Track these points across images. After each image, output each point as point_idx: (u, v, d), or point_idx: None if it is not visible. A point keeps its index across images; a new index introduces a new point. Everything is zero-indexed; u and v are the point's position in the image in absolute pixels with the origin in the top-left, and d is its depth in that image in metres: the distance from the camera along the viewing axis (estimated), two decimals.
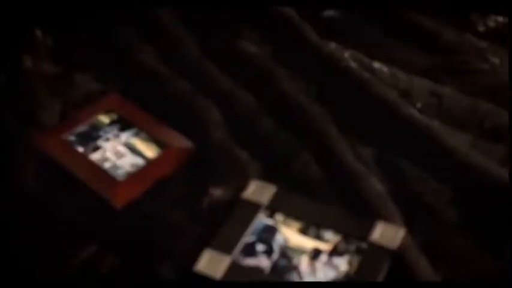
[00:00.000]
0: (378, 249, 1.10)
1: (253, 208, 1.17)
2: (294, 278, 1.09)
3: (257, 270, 1.10)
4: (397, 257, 1.10)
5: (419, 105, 1.33)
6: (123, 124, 1.31)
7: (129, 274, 1.12)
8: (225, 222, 1.15)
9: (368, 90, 1.33)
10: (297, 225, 1.15)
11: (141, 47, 1.46)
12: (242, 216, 1.16)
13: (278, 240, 1.13)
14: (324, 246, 1.11)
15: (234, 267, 1.10)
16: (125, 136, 1.29)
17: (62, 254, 1.14)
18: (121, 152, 1.27)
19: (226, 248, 1.11)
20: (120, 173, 1.23)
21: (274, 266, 1.10)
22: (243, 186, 1.19)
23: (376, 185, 1.20)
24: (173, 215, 1.18)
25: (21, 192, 1.22)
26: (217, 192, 1.20)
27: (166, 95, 1.36)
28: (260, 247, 1.12)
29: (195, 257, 1.10)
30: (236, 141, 1.28)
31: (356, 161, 1.24)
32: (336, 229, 1.13)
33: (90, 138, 1.29)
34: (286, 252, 1.11)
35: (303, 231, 1.14)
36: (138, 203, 1.20)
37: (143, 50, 1.45)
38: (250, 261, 1.11)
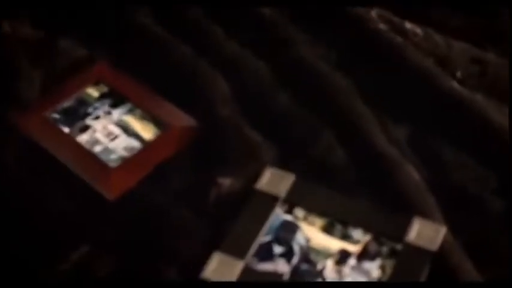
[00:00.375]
0: (415, 252, 0.98)
1: (269, 201, 1.05)
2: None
3: (275, 276, 0.98)
4: (437, 260, 0.98)
5: (459, 74, 1.19)
6: (115, 98, 1.18)
7: (127, 279, 1.00)
8: (236, 219, 1.03)
9: (400, 57, 1.20)
10: (320, 222, 1.03)
11: (135, 6, 1.30)
12: (256, 212, 1.04)
13: (299, 240, 1.01)
14: (352, 248, 1.00)
15: (248, 273, 0.98)
16: (118, 113, 1.16)
17: (50, 256, 1.02)
18: (113, 133, 1.14)
19: (238, 250, 0.99)
20: (112, 158, 1.11)
21: (295, 271, 0.98)
22: (256, 175, 1.07)
23: (412, 173, 1.08)
24: (175, 209, 1.06)
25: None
26: (226, 182, 1.08)
27: (165, 63, 1.22)
28: (278, 249, 1.01)
29: (202, 260, 0.98)
30: (247, 119, 1.15)
31: (387, 143, 1.11)
32: (366, 227, 1.02)
33: (77, 115, 1.16)
34: (309, 254, 1.00)
35: (327, 230, 1.02)
36: (134, 194, 1.07)
37: (138, 10, 1.30)
38: (266, 266, 0.99)
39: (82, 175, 1.09)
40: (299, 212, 1.04)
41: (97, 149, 1.12)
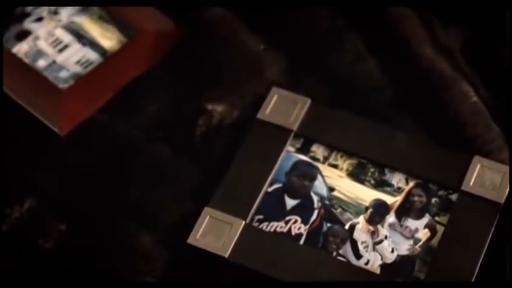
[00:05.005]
0: (476, 204, 0.89)
1: (277, 136, 0.94)
2: (347, 253, 0.87)
3: (286, 241, 0.87)
4: (505, 215, 0.88)
5: None
6: None
7: (81, 245, 0.88)
8: (233, 161, 0.93)
9: None
10: (346, 164, 0.94)
11: None
12: (259, 150, 0.93)
13: (317, 189, 0.91)
14: (390, 200, 0.90)
15: (250, 237, 0.87)
16: (67, 13, 1.06)
17: None
18: (62, 41, 1.04)
19: (236, 205, 0.89)
20: (62, 77, 1.01)
21: (314, 233, 0.88)
22: (258, 99, 0.97)
23: (469, 94, 0.97)
24: (148, 147, 0.95)
25: None
26: (217, 110, 0.98)
27: None
28: (290, 202, 0.91)
29: (186, 219, 0.89)
30: (244, 21, 1.04)
31: (435, 53, 1.00)
32: (409, 171, 0.92)
33: (12, 16, 1.05)
34: (332, 210, 0.90)
35: (357, 175, 0.92)
36: (92, 127, 0.97)
37: None
38: (274, 227, 0.88)
39: (20, 101, 0.97)
40: (318, 150, 0.95)
41: (40, 63, 1.02)
